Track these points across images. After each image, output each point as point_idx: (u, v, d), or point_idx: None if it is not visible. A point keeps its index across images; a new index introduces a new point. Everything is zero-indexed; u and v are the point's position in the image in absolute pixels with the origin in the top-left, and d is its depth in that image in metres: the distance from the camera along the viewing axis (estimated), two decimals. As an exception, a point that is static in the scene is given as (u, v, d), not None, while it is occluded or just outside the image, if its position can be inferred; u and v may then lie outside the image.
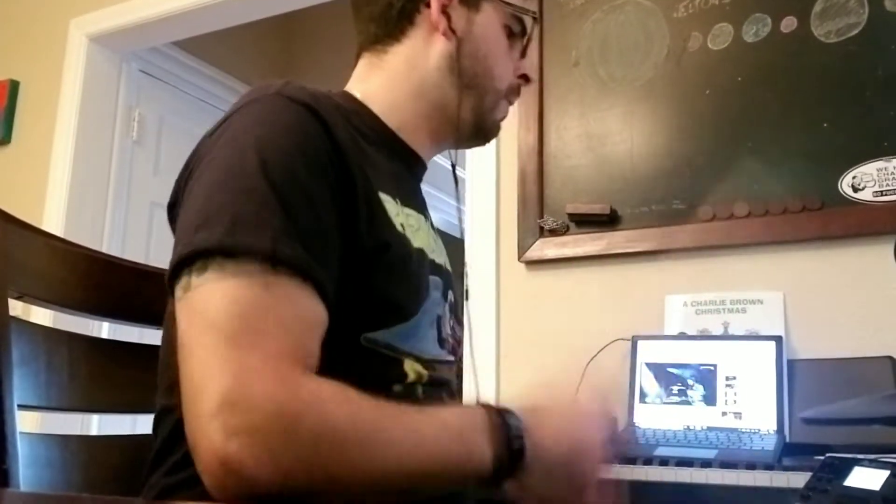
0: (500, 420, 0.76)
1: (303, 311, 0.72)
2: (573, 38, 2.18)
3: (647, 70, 2.07)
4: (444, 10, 0.98)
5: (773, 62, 1.91)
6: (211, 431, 0.64)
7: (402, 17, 1.00)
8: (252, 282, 0.70)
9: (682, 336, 1.82)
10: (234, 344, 0.67)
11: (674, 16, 2.06)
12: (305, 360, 0.70)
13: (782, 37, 1.91)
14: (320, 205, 0.77)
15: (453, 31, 0.98)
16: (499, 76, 1.02)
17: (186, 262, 0.72)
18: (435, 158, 1.08)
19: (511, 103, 1.08)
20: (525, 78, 1.07)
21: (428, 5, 0.99)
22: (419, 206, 0.99)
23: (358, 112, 0.95)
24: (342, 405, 0.69)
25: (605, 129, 2.10)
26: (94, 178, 2.93)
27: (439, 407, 0.80)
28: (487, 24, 1.01)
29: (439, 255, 0.99)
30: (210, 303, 0.69)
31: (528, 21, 1.05)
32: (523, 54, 1.07)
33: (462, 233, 1.21)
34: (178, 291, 0.73)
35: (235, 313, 0.68)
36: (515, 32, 1.05)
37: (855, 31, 1.84)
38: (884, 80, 1.79)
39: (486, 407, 0.78)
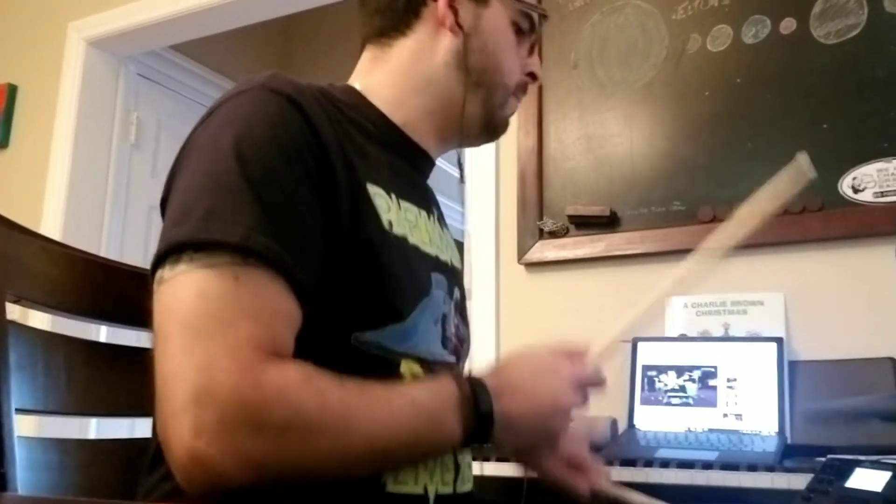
0: (469, 392, 0.78)
1: (272, 302, 0.72)
2: (572, 40, 2.18)
3: (646, 72, 2.07)
4: (452, 5, 0.97)
5: (772, 63, 1.91)
6: (179, 428, 0.65)
7: (408, 11, 0.98)
8: (221, 273, 0.70)
9: (683, 338, 1.81)
10: (199, 337, 0.67)
11: (673, 17, 2.06)
12: (273, 349, 0.70)
13: (781, 38, 1.91)
14: (298, 198, 0.76)
15: (460, 26, 0.97)
16: (507, 71, 1.01)
17: (162, 257, 0.73)
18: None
19: (519, 100, 1.07)
20: (532, 76, 1.06)
21: None
22: (421, 201, 0.97)
23: (357, 105, 0.94)
24: (308, 390, 0.69)
25: (605, 131, 2.10)
26: (93, 182, 2.93)
27: (410, 384, 0.81)
28: (495, 18, 0.99)
29: (444, 252, 0.98)
30: (179, 295, 0.70)
31: (536, 18, 1.04)
32: (531, 52, 1.06)
33: (464, 234, 1.20)
34: (154, 285, 0.74)
35: (202, 306, 0.69)
36: (523, 29, 1.03)
37: (854, 33, 1.84)
38: (883, 81, 1.78)
39: (456, 378, 0.80)
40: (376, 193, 0.85)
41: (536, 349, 0.90)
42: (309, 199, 0.77)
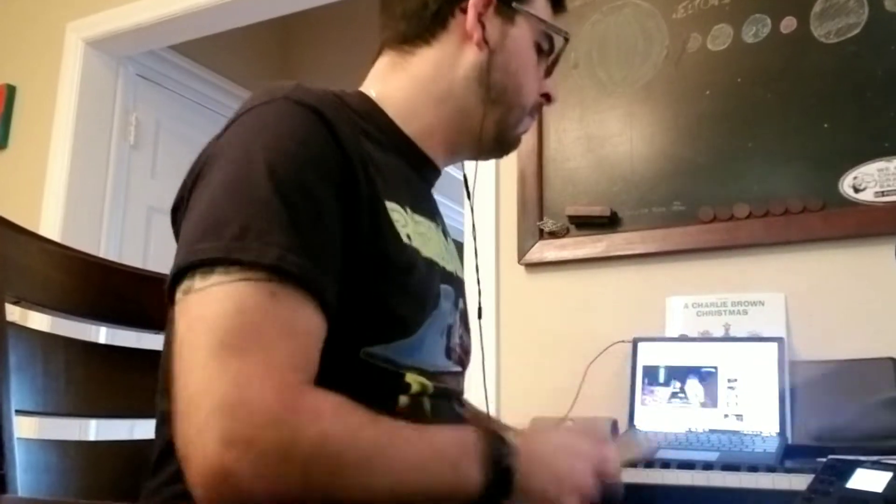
0: (493, 446, 0.76)
1: (307, 322, 0.71)
2: (572, 39, 2.16)
3: (646, 71, 2.06)
4: (480, 20, 0.96)
5: (772, 63, 1.91)
6: (206, 439, 0.63)
7: (436, 20, 0.97)
8: (258, 288, 0.69)
9: (684, 338, 1.81)
10: (235, 351, 0.66)
11: (673, 17, 2.05)
12: (307, 372, 0.69)
13: (782, 37, 1.91)
14: (327, 215, 0.75)
15: (486, 42, 0.96)
16: (526, 92, 1.01)
17: (190, 268, 0.71)
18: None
19: (533, 119, 1.06)
20: (547, 97, 1.05)
21: (464, 11, 0.96)
22: (430, 212, 0.97)
23: (371, 115, 0.93)
24: (342, 422, 0.68)
25: (605, 131, 2.09)
26: (92, 183, 2.92)
27: (434, 428, 0.79)
28: (520, 38, 0.99)
29: (450, 263, 0.98)
30: (213, 307, 0.68)
31: (558, 41, 1.03)
32: (548, 73, 1.05)
33: (473, 238, 1.20)
34: (179, 294, 0.72)
35: (238, 319, 0.67)
36: (543, 50, 1.03)
37: (854, 32, 1.83)
38: (884, 80, 1.78)
39: (481, 430, 0.78)
40: (393, 209, 0.85)
41: (570, 430, 0.89)
42: (335, 214, 0.76)
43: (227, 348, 0.66)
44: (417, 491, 0.72)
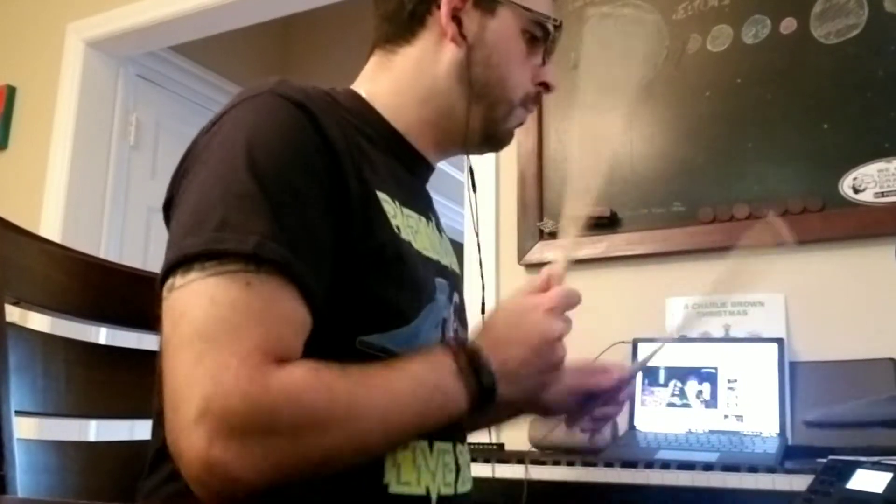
0: (468, 358, 0.79)
1: (283, 309, 0.72)
2: (572, 40, 2.17)
3: (646, 72, 2.06)
4: (456, 15, 0.95)
5: (772, 64, 1.91)
6: (193, 437, 0.64)
7: (413, 19, 0.97)
8: (233, 281, 0.70)
9: (684, 339, 1.81)
10: (211, 344, 0.67)
11: (673, 17, 2.05)
12: (281, 353, 0.70)
13: (782, 38, 1.91)
14: (310, 207, 0.76)
15: (464, 38, 0.95)
16: (513, 85, 0.98)
17: (174, 266, 0.72)
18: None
19: (529, 111, 1.04)
20: (545, 86, 1.03)
21: (440, 8, 0.95)
22: (422, 207, 0.97)
23: (361, 111, 0.93)
24: (316, 387, 0.69)
25: (605, 132, 2.09)
26: (92, 183, 2.92)
27: (405, 358, 0.80)
28: (503, 29, 0.97)
29: (445, 257, 0.98)
30: (191, 303, 0.70)
31: (550, 26, 1.00)
32: (545, 61, 1.02)
33: (476, 234, 1.20)
34: (164, 293, 0.73)
35: (213, 312, 0.68)
36: (537, 37, 1.00)
37: (854, 33, 1.83)
38: (884, 81, 1.78)
39: (448, 345, 0.81)
40: (384, 200, 0.85)
41: (505, 300, 0.90)
42: (320, 206, 0.77)
43: (203, 342, 0.67)
44: (408, 422, 0.75)
